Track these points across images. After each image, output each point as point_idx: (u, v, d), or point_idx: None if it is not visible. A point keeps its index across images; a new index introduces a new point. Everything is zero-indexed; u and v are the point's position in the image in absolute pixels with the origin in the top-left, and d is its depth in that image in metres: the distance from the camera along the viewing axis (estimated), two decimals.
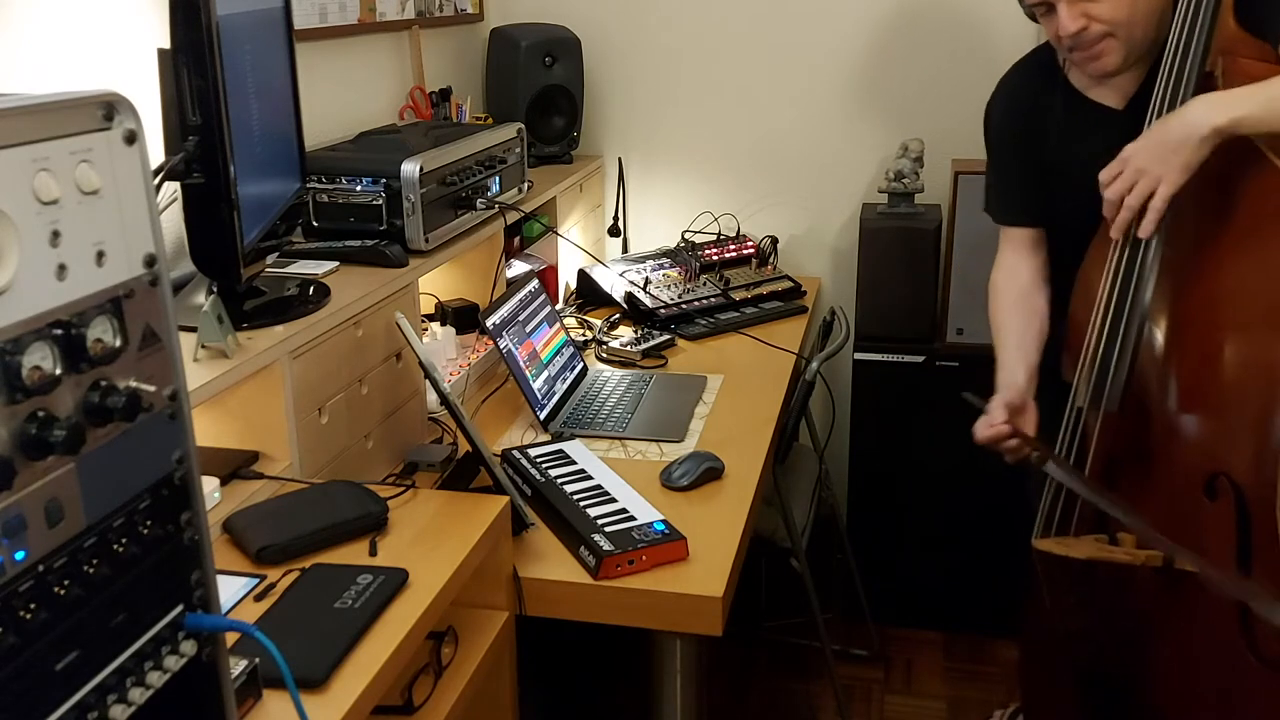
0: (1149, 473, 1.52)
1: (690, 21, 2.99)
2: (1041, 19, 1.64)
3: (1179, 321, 1.47)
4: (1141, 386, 1.52)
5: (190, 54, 1.38)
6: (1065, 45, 1.62)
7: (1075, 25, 1.56)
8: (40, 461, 0.65)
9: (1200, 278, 1.44)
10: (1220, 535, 1.37)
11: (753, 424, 2.07)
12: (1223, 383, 1.39)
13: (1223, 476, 1.38)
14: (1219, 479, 1.38)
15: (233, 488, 1.51)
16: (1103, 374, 1.55)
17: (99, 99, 0.69)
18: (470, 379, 2.18)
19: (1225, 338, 1.39)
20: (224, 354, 1.46)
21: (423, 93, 2.63)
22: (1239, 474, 1.36)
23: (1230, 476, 1.37)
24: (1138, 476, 1.55)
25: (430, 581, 1.32)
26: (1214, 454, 1.40)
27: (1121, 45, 1.59)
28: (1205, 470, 1.41)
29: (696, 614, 1.53)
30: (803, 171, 3.03)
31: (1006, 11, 2.75)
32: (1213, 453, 1.41)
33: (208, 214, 1.45)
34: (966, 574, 2.70)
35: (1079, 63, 1.65)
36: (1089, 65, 1.64)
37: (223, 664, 0.84)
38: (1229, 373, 1.38)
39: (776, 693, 2.65)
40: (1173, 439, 1.48)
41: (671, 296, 2.67)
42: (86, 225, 0.68)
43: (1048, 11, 1.60)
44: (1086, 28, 1.57)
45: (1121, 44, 1.59)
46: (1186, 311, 1.46)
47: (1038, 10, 1.63)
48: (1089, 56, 1.61)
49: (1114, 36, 1.58)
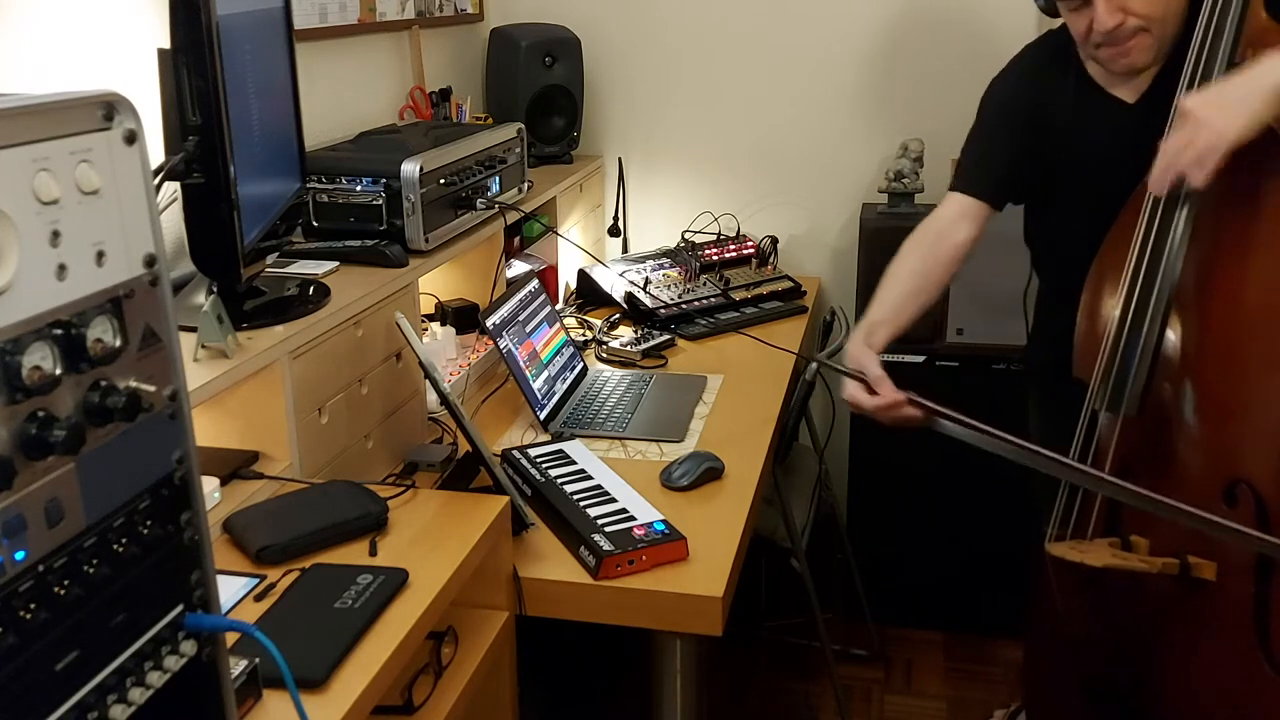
0: (1164, 477, 1.48)
1: (690, 21, 2.99)
2: (1069, 14, 1.61)
3: (1202, 320, 1.43)
4: (1162, 388, 1.48)
5: (190, 54, 1.38)
6: (1094, 41, 1.59)
7: (1113, 20, 1.54)
8: (40, 461, 0.65)
9: (1226, 275, 1.41)
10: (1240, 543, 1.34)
11: (753, 424, 2.07)
12: (1246, 386, 1.35)
13: (1243, 484, 1.34)
14: (1239, 486, 1.35)
15: (233, 488, 1.51)
16: (1122, 375, 1.51)
17: (99, 99, 0.69)
18: (470, 379, 2.18)
19: (1250, 338, 1.36)
20: (224, 354, 1.46)
21: (423, 93, 2.63)
22: (1261, 482, 1.33)
23: (1251, 484, 1.33)
24: (1151, 480, 1.49)
25: (430, 581, 1.32)
26: (1235, 460, 1.36)
27: (1154, 41, 1.57)
28: (1225, 477, 1.37)
29: (696, 614, 1.53)
30: (803, 171, 3.03)
31: (1007, 12, 2.77)
32: (1233, 458, 1.37)
33: (208, 214, 1.45)
34: (966, 574, 2.70)
35: (1107, 59, 1.62)
36: (1117, 62, 1.61)
37: (223, 664, 0.84)
38: (1253, 376, 1.34)
39: (776, 693, 2.65)
40: (1191, 443, 1.44)
41: (671, 296, 2.67)
42: (86, 225, 0.68)
43: (1080, 5, 1.57)
44: (1123, 23, 1.54)
45: (1154, 40, 1.57)
46: (1210, 310, 1.42)
47: (1066, 5, 1.59)
48: (1120, 53, 1.59)
49: (1148, 32, 1.56)
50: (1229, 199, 1.40)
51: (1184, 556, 1.42)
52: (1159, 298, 1.47)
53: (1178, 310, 1.47)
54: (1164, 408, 1.48)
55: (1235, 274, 1.40)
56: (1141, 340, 1.49)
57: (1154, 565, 1.44)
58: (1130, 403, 1.51)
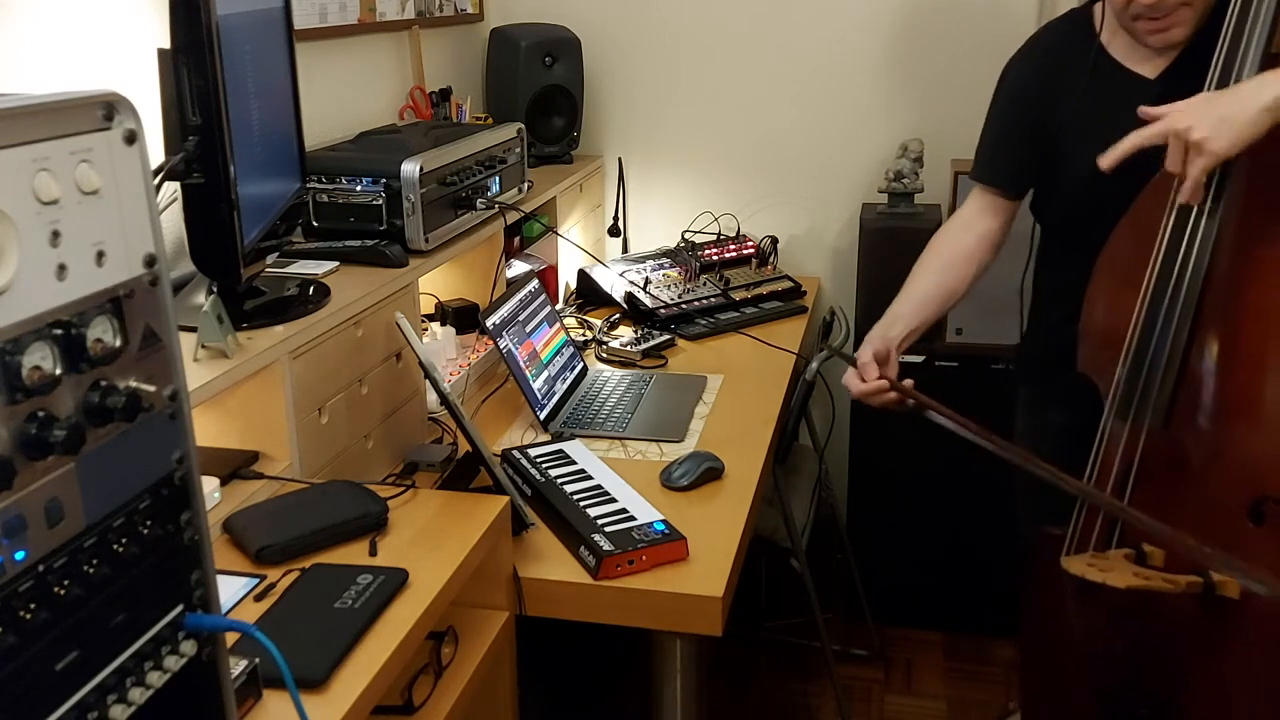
0: (1181, 490, 1.43)
1: (690, 21, 2.99)
2: None
3: (1230, 325, 1.38)
4: (1187, 397, 1.43)
5: (190, 54, 1.37)
6: (1133, 13, 1.57)
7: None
8: (40, 461, 0.65)
9: (1257, 278, 1.36)
10: (1266, 563, 1.29)
11: (753, 424, 2.07)
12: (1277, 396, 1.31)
13: (1271, 501, 1.30)
14: (1267, 503, 1.31)
15: (233, 488, 1.51)
16: (1148, 382, 1.46)
17: (99, 99, 0.69)
18: (470, 379, 2.18)
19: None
20: (224, 354, 1.46)
21: (423, 93, 2.63)
22: None
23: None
24: (1169, 493, 1.44)
25: (430, 581, 1.32)
26: (1263, 475, 1.32)
27: (1195, 15, 1.56)
28: (1251, 493, 1.32)
29: (696, 614, 1.53)
30: (803, 171, 3.03)
31: (1007, 12, 2.77)
32: (1262, 473, 1.32)
33: (208, 214, 1.45)
34: (966, 574, 2.70)
35: (1145, 32, 1.60)
36: (1155, 36, 1.59)
37: (223, 664, 0.84)
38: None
39: (776, 693, 2.65)
40: (1215, 455, 1.39)
41: (671, 296, 2.67)
42: (86, 225, 0.68)
43: None
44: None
45: (1195, 14, 1.56)
46: (1239, 317, 1.37)
47: None
48: (1159, 27, 1.57)
49: (1190, 6, 1.55)
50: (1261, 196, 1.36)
51: (1207, 574, 1.38)
52: (1187, 299, 1.42)
53: (1205, 314, 1.41)
54: (1188, 417, 1.43)
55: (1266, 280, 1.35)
56: (1169, 345, 1.43)
57: (1178, 585, 1.38)
58: (1156, 414, 1.46)
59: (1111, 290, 1.57)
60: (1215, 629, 1.41)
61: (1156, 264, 1.46)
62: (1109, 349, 1.54)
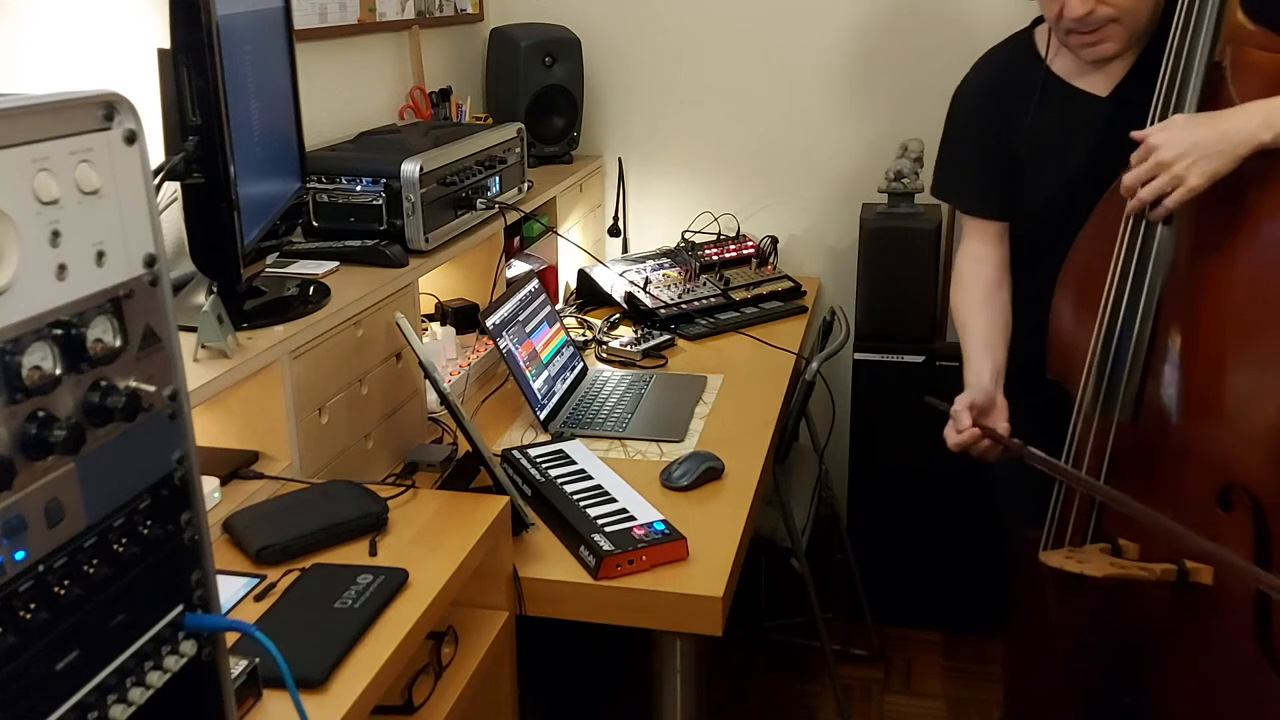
0: (1155, 482, 1.47)
1: (690, 21, 2.99)
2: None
3: (1191, 322, 1.42)
4: (1153, 392, 1.47)
5: (190, 54, 1.38)
6: (1064, 28, 1.59)
7: (1084, 8, 1.53)
8: (40, 461, 0.65)
9: (1213, 277, 1.40)
10: (1236, 548, 1.33)
11: (752, 424, 2.07)
12: (1237, 388, 1.34)
13: (1238, 487, 1.33)
14: (1234, 490, 1.34)
15: (233, 488, 1.51)
16: (1114, 380, 1.50)
17: (99, 99, 0.69)
18: (470, 379, 2.18)
19: (1239, 340, 1.35)
20: (224, 354, 1.46)
21: (423, 93, 2.63)
22: (1256, 485, 1.31)
23: (1246, 487, 1.32)
24: (1142, 485, 1.49)
25: (430, 581, 1.32)
26: (1228, 463, 1.35)
27: (1125, 32, 1.57)
28: (1219, 480, 1.36)
29: (696, 614, 1.53)
30: (803, 171, 3.03)
31: (1006, 11, 2.76)
32: (1227, 462, 1.35)
33: (208, 214, 1.45)
34: (966, 574, 2.70)
35: (1076, 46, 1.61)
36: (1086, 50, 1.60)
37: (223, 664, 0.84)
38: (1244, 377, 1.33)
39: (776, 693, 2.65)
40: (1183, 446, 1.42)
41: (671, 296, 2.67)
42: (86, 225, 0.68)
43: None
44: (1094, 11, 1.54)
45: (1125, 30, 1.56)
46: (1199, 311, 1.41)
47: None
48: (1089, 41, 1.58)
49: (1119, 22, 1.56)
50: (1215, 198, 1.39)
51: (1181, 561, 1.41)
52: (1147, 302, 1.46)
53: (1166, 313, 1.45)
54: (1155, 412, 1.47)
55: (1222, 275, 1.38)
56: (1132, 345, 1.48)
57: (1153, 572, 1.43)
58: (1124, 409, 1.50)
59: (1075, 298, 1.60)
60: (1190, 614, 1.44)
61: (1116, 271, 1.49)
62: (1076, 353, 1.57)
